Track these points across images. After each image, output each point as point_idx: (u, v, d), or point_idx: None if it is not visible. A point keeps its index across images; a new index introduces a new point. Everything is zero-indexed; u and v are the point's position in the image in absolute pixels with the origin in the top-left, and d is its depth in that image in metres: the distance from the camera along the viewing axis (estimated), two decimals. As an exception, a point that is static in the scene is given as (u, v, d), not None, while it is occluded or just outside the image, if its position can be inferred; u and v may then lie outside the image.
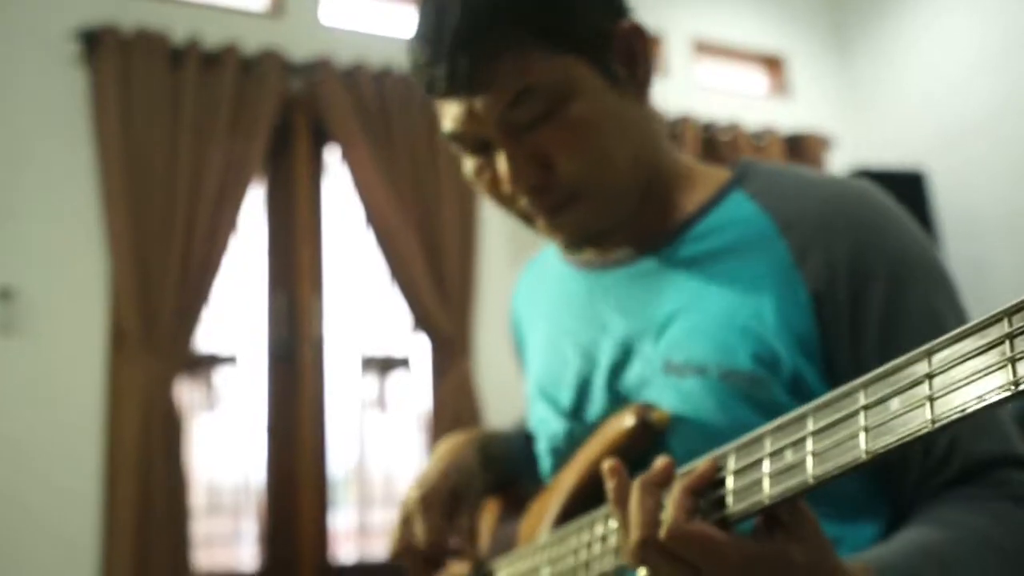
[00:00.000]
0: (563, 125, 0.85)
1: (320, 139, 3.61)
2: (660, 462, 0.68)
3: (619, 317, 0.94)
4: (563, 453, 0.99)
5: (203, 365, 3.31)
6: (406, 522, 1.03)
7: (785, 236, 0.85)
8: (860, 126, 4.82)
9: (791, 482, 0.58)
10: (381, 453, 3.62)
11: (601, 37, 0.88)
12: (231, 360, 3.39)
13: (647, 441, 0.87)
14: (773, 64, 4.90)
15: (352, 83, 3.57)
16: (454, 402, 3.49)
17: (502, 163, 0.87)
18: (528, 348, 1.14)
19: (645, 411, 0.87)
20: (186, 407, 3.21)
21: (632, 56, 0.90)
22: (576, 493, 0.93)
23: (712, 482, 0.65)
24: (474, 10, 0.83)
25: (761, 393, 0.81)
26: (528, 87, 0.84)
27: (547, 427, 1.02)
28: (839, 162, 4.57)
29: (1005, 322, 0.45)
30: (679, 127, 4.21)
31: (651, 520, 0.64)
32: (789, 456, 0.59)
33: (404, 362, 3.67)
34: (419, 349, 3.69)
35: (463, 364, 3.54)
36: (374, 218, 3.53)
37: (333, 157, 3.65)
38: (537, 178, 0.86)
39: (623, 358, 0.92)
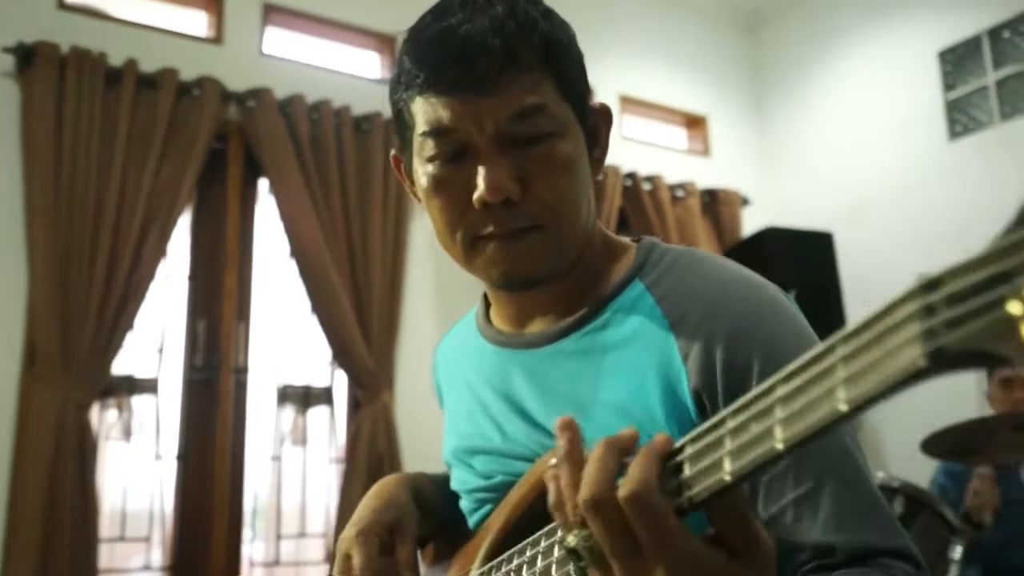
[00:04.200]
0: (551, 154, 0.90)
1: (254, 167, 3.61)
2: (628, 430, 0.66)
3: (530, 397, 0.98)
4: (490, 506, 1.03)
5: (120, 389, 3.25)
6: (345, 560, 1.04)
7: (674, 333, 0.88)
8: (773, 187, 5.06)
9: (757, 452, 0.55)
10: (296, 485, 3.59)
11: (587, 105, 0.96)
12: (149, 385, 3.33)
13: None
14: (695, 123, 5.11)
15: (288, 114, 3.59)
16: (372, 437, 3.50)
17: (483, 170, 0.88)
18: (447, 413, 1.18)
19: None
20: (99, 431, 3.14)
21: (597, 133, 0.98)
22: (506, 530, 0.95)
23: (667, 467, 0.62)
24: (508, 26, 0.88)
25: None
26: (539, 106, 0.88)
27: (468, 486, 1.07)
28: (753, 220, 4.77)
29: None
30: (603, 175, 4.35)
31: (609, 479, 0.62)
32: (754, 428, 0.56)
33: (324, 394, 3.67)
34: (339, 382, 3.69)
35: (383, 399, 3.56)
36: (298, 250, 3.54)
37: (265, 185, 3.65)
38: (513, 193, 0.88)
39: (534, 434, 0.97)
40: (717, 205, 4.76)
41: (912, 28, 4.53)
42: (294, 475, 3.59)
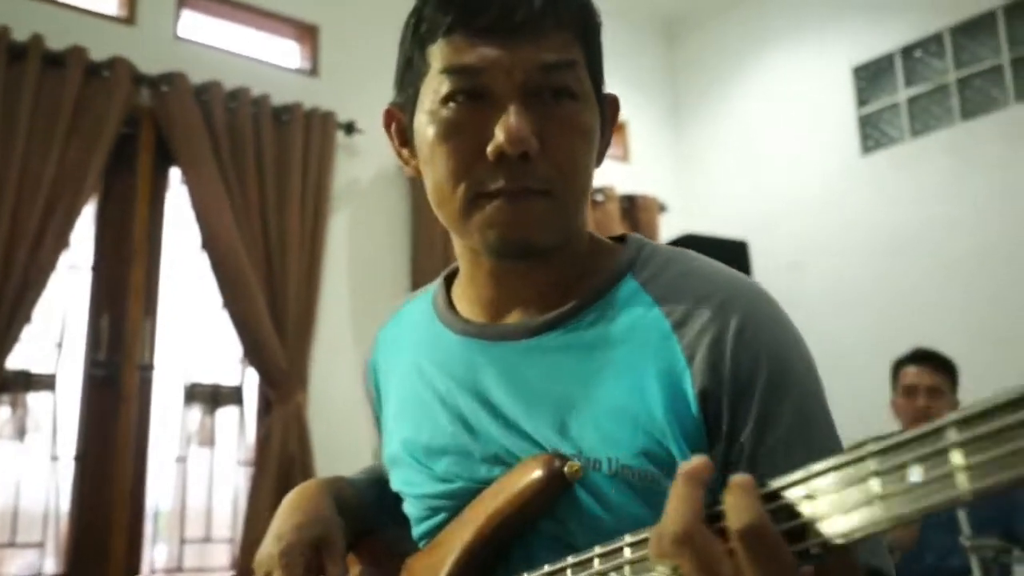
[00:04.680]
0: (573, 117, 0.87)
1: (165, 155, 3.44)
2: (700, 459, 0.63)
3: (504, 394, 0.91)
4: (445, 515, 0.95)
5: (14, 385, 3.05)
6: None
7: (677, 334, 0.85)
8: (690, 195, 5.11)
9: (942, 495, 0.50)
10: (202, 488, 3.45)
11: (602, 91, 0.94)
12: (47, 381, 3.14)
13: (556, 493, 0.83)
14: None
15: (203, 101, 3.45)
16: (283, 439, 3.39)
17: (506, 119, 0.84)
18: (387, 406, 1.08)
19: (556, 462, 0.83)
20: (-9, 430, 2.95)
21: (604, 123, 0.93)
22: (474, 548, 0.88)
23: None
24: None
25: (653, 489, 0.81)
26: (573, 62, 0.87)
27: (419, 490, 0.97)
28: (670, 227, 4.81)
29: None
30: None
31: (697, 511, 0.61)
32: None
33: (234, 394, 3.53)
34: (250, 381, 3.56)
35: (296, 400, 3.45)
36: (211, 242, 3.40)
37: (177, 174, 3.49)
38: (532, 147, 0.84)
39: (508, 434, 0.89)
40: (636, 211, 4.78)
41: (828, 44, 4.63)
42: (200, 478, 3.44)
